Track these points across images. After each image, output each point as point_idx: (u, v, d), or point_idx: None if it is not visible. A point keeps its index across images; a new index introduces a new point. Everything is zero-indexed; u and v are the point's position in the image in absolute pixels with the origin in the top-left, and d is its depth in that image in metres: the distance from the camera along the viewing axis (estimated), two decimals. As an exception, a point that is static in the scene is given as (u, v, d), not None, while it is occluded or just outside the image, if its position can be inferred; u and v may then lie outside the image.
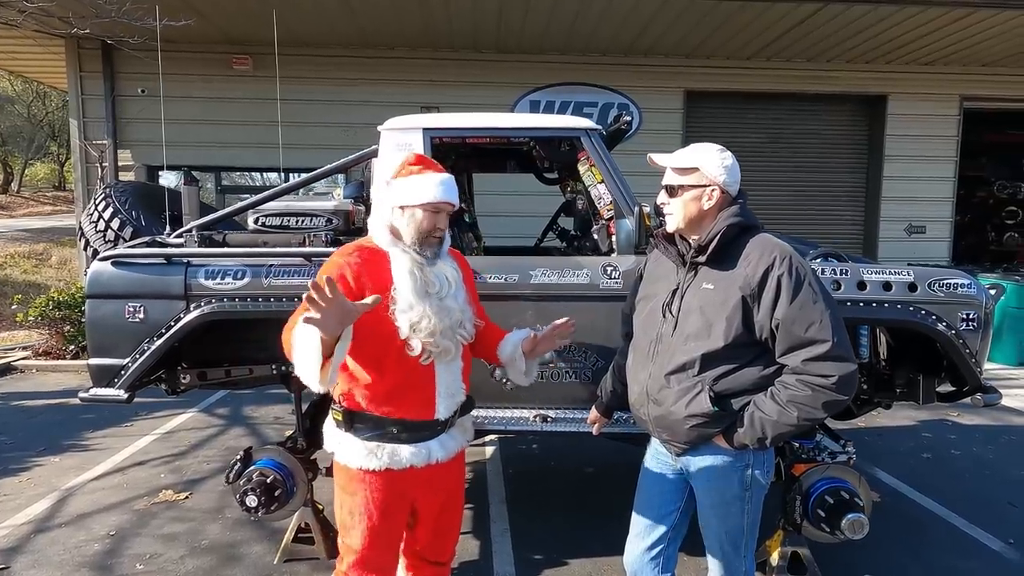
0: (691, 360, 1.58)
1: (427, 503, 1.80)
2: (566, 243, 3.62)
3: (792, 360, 1.52)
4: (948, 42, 7.08)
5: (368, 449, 1.66)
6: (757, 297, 1.54)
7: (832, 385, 1.48)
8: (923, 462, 4.06)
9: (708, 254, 1.59)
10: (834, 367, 1.48)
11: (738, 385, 1.58)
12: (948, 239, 8.39)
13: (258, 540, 2.97)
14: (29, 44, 7.20)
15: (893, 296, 2.36)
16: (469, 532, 3.07)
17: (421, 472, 1.70)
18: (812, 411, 1.50)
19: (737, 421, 1.58)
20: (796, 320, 1.50)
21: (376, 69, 7.46)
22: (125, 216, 2.86)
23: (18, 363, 6.36)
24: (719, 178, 1.61)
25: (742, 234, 1.62)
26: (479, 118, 2.72)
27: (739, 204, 1.64)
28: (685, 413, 1.58)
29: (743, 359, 1.57)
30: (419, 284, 1.65)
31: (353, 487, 1.70)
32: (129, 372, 2.44)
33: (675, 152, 1.70)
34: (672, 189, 1.66)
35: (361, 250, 1.70)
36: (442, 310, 1.66)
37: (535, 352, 1.86)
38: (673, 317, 1.64)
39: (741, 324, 1.55)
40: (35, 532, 3.07)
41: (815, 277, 1.57)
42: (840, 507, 2.29)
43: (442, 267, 1.72)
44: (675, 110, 7.78)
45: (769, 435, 1.54)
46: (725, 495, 1.65)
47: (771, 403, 1.53)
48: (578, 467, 3.91)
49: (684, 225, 1.66)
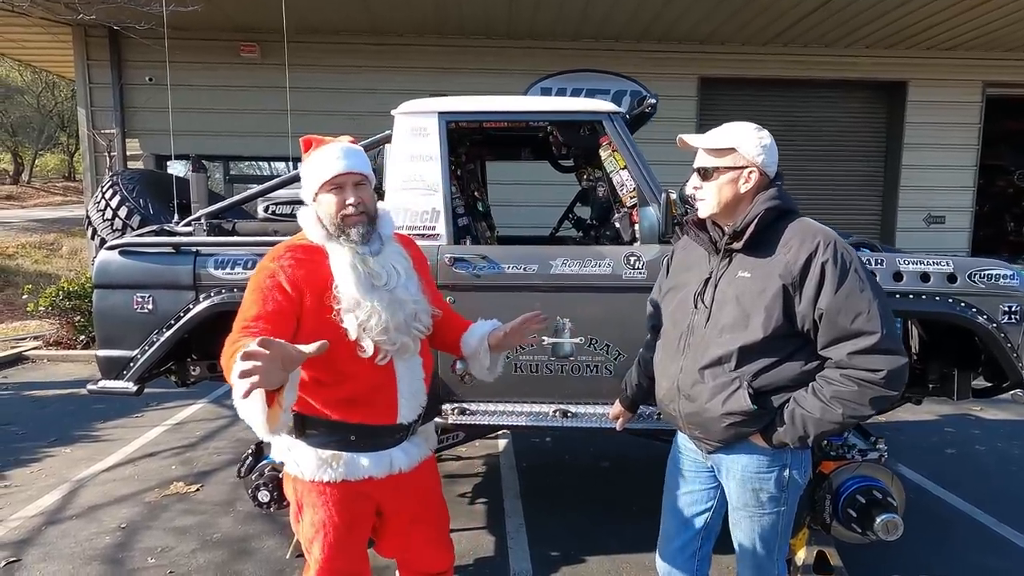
0: (727, 353, 1.48)
1: (395, 509, 1.66)
2: (582, 232, 3.53)
3: (836, 353, 1.42)
4: (971, 26, 6.88)
5: (322, 459, 1.51)
6: (799, 286, 1.43)
7: (881, 380, 1.38)
8: (947, 458, 3.96)
9: (744, 240, 1.49)
10: (883, 360, 1.38)
11: (778, 380, 1.48)
12: (968, 229, 8.21)
13: (270, 534, 2.93)
14: (36, 32, 7.14)
15: (931, 287, 2.26)
16: (484, 527, 3.01)
17: (382, 481, 1.57)
18: (858, 408, 1.41)
19: (776, 419, 1.48)
20: (842, 310, 1.40)
21: (385, 56, 7.35)
22: (133, 204, 2.80)
23: (29, 353, 6.37)
24: (757, 159, 1.51)
25: (780, 219, 1.51)
26: (497, 101, 2.63)
27: (777, 187, 1.53)
28: (722, 410, 1.49)
29: (783, 352, 1.47)
30: (363, 278, 1.49)
31: (309, 499, 1.56)
32: (138, 364, 2.38)
33: (708, 132, 1.60)
34: (705, 172, 1.56)
35: (293, 249, 1.53)
36: (393, 303, 1.51)
37: (501, 346, 1.71)
38: (706, 308, 1.55)
39: (781, 315, 1.44)
40: (46, 524, 3.04)
41: (861, 264, 1.46)
42: (872, 507, 2.20)
43: (388, 255, 1.56)
44: (689, 97, 7.63)
45: (811, 433, 1.45)
46: (760, 496, 1.56)
47: (813, 399, 1.44)
48: (593, 461, 3.84)
49: (719, 210, 1.56)
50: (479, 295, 2.40)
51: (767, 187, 1.53)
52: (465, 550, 2.76)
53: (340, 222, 1.51)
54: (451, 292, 2.33)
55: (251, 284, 1.50)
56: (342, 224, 1.51)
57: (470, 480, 3.58)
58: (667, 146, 2.13)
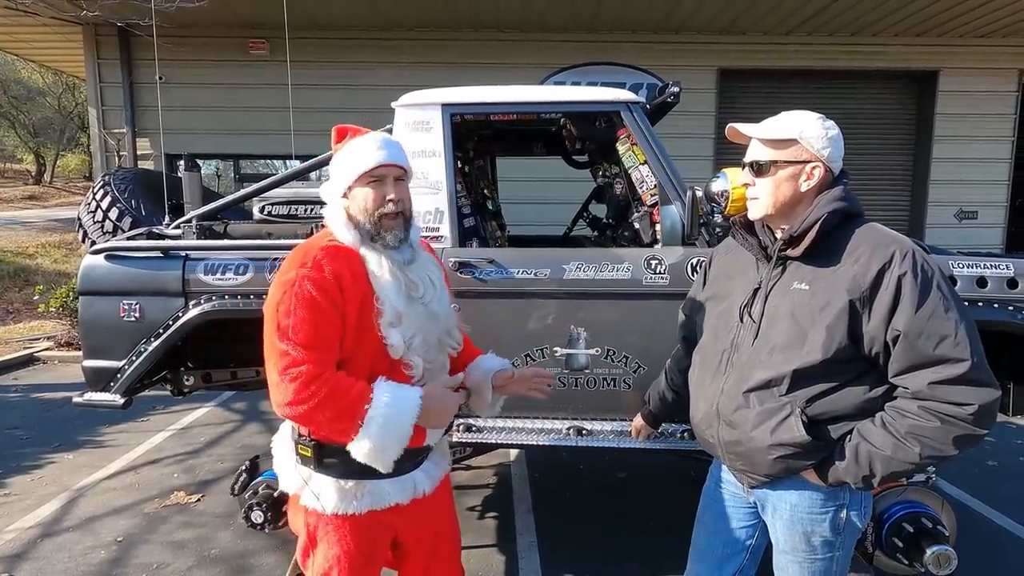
0: (779, 376, 1.28)
1: (416, 537, 1.52)
2: (598, 232, 3.34)
3: (914, 382, 1.21)
4: (1007, 11, 6.54)
5: (345, 490, 1.37)
6: (868, 301, 1.23)
7: (969, 416, 1.17)
8: (989, 471, 3.70)
9: (803, 248, 1.29)
10: (972, 393, 1.17)
11: (837, 408, 1.27)
12: (1001, 225, 7.85)
13: (269, 550, 2.79)
14: (47, 32, 7.12)
15: (989, 293, 2.03)
16: (494, 545, 2.85)
17: (406, 507, 1.43)
18: (939, 447, 1.19)
19: (835, 453, 1.27)
20: (923, 332, 1.19)
21: (395, 52, 7.22)
22: (124, 205, 2.67)
23: (41, 354, 6.34)
24: (823, 152, 1.30)
25: (845, 223, 1.31)
26: (505, 91, 2.43)
27: (842, 186, 1.32)
28: (770, 441, 1.28)
29: (844, 377, 1.26)
30: (403, 288, 1.34)
31: (326, 533, 1.40)
32: (125, 376, 2.25)
33: (764, 121, 1.38)
34: (760, 167, 1.34)
35: (329, 252, 1.33)
36: (429, 318, 1.37)
37: (505, 390, 1.57)
38: (754, 322, 1.34)
39: (846, 335, 1.23)
40: (42, 536, 2.94)
41: (944, 278, 1.24)
42: (921, 537, 1.99)
43: (423, 264, 1.42)
44: (708, 90, 7.38)
45: (879, 473, 1.23)
46: (811, 540, 1.35)
47: (883, 434, 1.22)
48: (609, 471, 3.65)
49: (774, 211, 1.34)
50: (486, 302, 2.22)
51: (831, 186, 1.33)
52: (474, 570, 2.60)
53: (378, 220, 1.36)
54: (456, 300, 2.16)
55: (291, 295, 1.28)
56: (379, 224, 1.36)
57: (480, 491, 3.42)
58: (684, 141, 1.94)
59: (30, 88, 19.62)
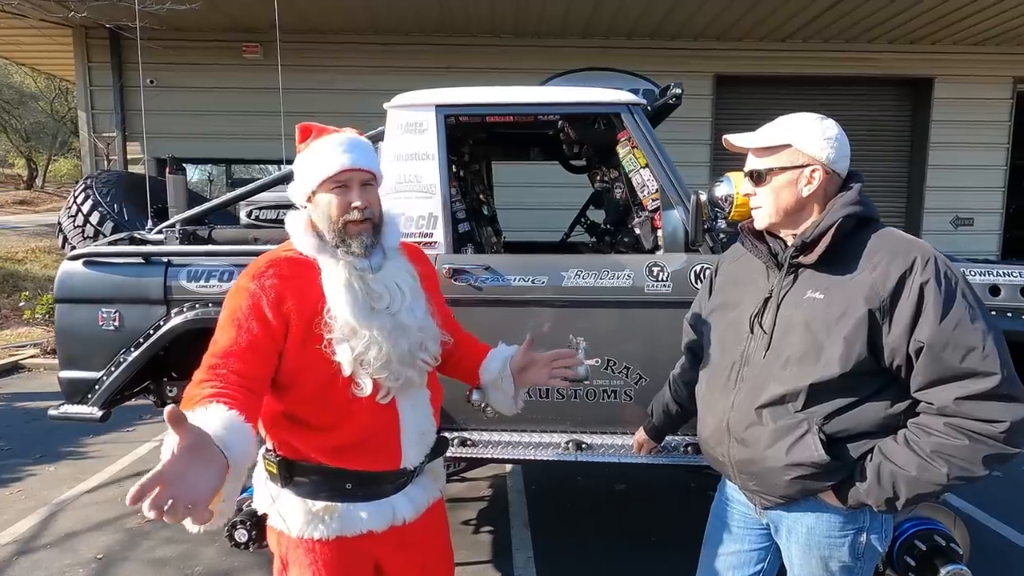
0: (794, 391, 1.20)
1: (398, 568, 1.39)
2: (596, 238, 3.27)
3: (940, 397, 1.13)
4: (1002, 19, 6.55)
5: (312, 512, 1.26)
6: (888, 311, 1.15)
7: (1000, 434, 1.09)
8: (994, 482, 3.62)
9: (817, 253, 1.21)
10: (1003, 410, 1.09)
11: (857, 426, 1.19)
12: (998, 232, 7.86)
13: (255, 567, 2.68)
14: (36, 35, 7.02)
15: (1001, 302, 1.97)
16: (489, 561, 2.75)
17: (383, 535, 1.31)
18: (968, 467, 1.11)
19: (856, 473, 1.19)
20: (949, 344, 1.11)
21: (390, 56, 7.16)
22: (106, 209, 2.57)
23: (26, 361, 6.21)
24: (820, 154, 1.23)
25: (860, 228, 1.23)
26: (501, 92, 2.36)
27: (854, 189, 1.25)
28: (786, 461, 1.20)
29: (863, 391, 1.18)
30: (360, 299, 1.23)
31: (296, 558, 1.30)
32: (103, 387, 2.15)
33: (759, 129, 1.32)
34: (758, 175, 1.29)
35: (276, 264, 1.26)
36: (396, 330, 1.25)
37: (525, 379, 1.45)
38: (766, 334, 1.26)
39: (865, 347, 1.15)
40: (18, 554, 2.82)
41: (969, 286, 1.17)
42: (935, 555, 1.91)
43: (391, 271, 1.30)
44: (704, 96, 7.35)
45: (903, 495, 1.15)
46: (829, 565, 1.27)
47: (907, 453, 1.14)
48: (608, 482, 3.56)
49: (779, 219, 1.28)
50: (482, 311, 2.14)
51: (841, 189, 1.26)
52: (468, 589, 2.50)
53: (342, 229, 1.26)
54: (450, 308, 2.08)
55: (226, 306, 1.25)
56: (343, 232, 1.26)
57: (475, 505, 3.32)
58: (680, 147, 1.87)
59: (22, 92, 19.49)
